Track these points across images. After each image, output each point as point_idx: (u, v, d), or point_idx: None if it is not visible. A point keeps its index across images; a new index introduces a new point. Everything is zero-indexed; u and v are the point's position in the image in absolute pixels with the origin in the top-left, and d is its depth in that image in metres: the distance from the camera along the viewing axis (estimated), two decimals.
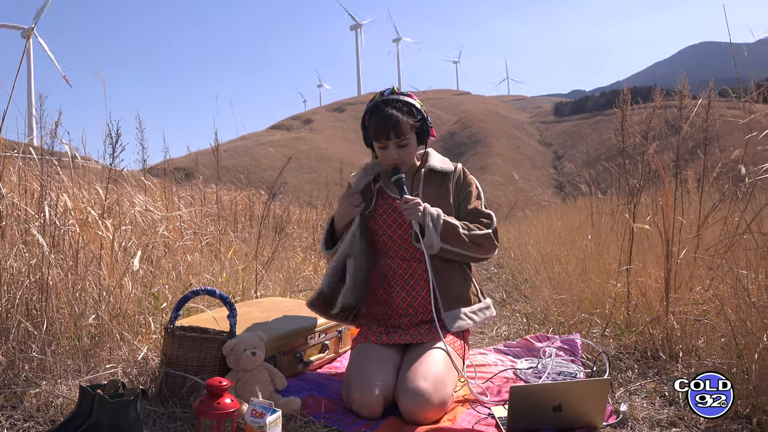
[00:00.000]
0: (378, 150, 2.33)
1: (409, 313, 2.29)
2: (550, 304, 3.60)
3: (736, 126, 2.76)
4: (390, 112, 2.25)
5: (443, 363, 2.10)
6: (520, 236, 7.83)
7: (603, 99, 73.57)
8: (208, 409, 1.75)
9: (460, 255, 2.26)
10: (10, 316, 2.27)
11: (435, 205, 2.27)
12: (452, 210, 2.34)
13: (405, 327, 2.29)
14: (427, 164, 2.39)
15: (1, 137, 2.62)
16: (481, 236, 2.27)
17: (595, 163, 6.73)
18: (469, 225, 2.27)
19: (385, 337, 2.25)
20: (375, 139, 2.30)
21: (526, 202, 14.91)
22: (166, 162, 5.24)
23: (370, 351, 2.20)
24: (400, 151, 2.29)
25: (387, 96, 2.32)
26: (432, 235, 2.18)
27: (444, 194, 2.35)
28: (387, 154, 2.30)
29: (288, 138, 78.73)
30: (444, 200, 2.34)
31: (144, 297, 2.76)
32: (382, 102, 2.30)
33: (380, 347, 2.22)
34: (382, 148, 2.30)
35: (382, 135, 2.26)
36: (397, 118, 2.25)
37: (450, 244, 2.22)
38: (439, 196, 2.34)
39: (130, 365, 2.32)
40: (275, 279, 4.06)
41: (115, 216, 3.30)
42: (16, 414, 1.91)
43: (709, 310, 2.56)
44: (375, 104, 2.32)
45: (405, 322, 2.30)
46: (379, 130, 2.26)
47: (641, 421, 1.98)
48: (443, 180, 2.38)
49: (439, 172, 2.38)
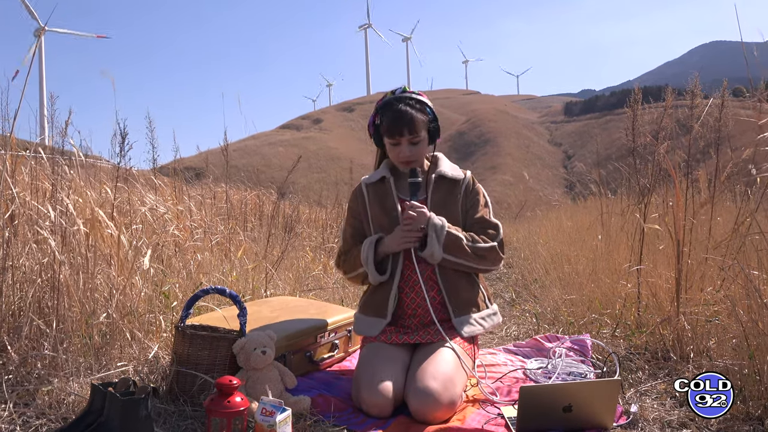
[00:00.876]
0: (390, 147, 2.32)
1: (419, 314, 2.29)
2: (559, 304, 3.59)
3: (748, 126, 2.74)
4: (404, 108, 2.26)
5: (453, 363, 2.10)
6: (530, 236, 7.81)
7: (613, 99, 73.25)
8: (219, 407, 1.76)
9: (463, 266, 2.27)
10: (22, 314, 2.29)
11: (443, 211, 2.28)
12: (459, 217, 2.34)
13: (414, 327, 2.29)
14: (438, 170, 2.37)
15: (14, 137, 2.63)
16: (486, 249, 2.27)
17: (606, 162, 6.71)
18: (474, 237, 2.27)
19: (395, 336, 2.25)
20: (388, 135, 2.29)
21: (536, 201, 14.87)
22: (176, 161, 5.26)
23: (380, 350, 2.21)
24: (413, 149, 2.28)
25: (399, 94, 2.32)
26: (434, 245, 2.19)
27: (452, 201, 2.34)
28: (399, 150, 2.29)
29: (297, 137, 78.90)
30: (452, 207, 2.33)
31: (155, 296, 2.77)
32: (395, 99, 2.30)
33: (390, 347, 2.22)
34: (395, 144, 2.29)
35: (396, 131, 2.25)
36: (411, 114, 2.25)
37: (452, 255, 2.22)
38: (447, 202, 2.33)
39: (141, 363, 2.33)
40: (285, 278, 4.07)
41: (125, 215, 3.32)
42: (28, 411, 1.93)
43: (721, 311, 2.55)
44: (387, 101, 2.32)
45: (414, 323, 2.30)
46: (393, 126, 2.26)
47: (652, 422, 1.97)
48: (452, 187, 2.37)
49: (449, 178, 2.37)
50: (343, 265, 2.44)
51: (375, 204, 2.38)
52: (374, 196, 2.39)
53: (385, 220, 2.34)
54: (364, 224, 2.42)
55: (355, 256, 2.34)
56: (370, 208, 2.39)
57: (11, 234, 2.40)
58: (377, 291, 2.35)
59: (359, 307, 2.45)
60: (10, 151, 2.56)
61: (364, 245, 2.32)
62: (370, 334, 2.31)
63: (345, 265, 2.42)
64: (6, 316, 2.25)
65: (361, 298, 2.49)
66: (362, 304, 2.43)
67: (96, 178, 3.62)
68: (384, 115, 2.30)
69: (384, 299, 2.31)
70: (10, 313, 2.29)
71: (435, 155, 2.44)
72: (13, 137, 2.62)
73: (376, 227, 2.37)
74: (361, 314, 2.40)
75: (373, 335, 2.29)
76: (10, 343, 2.15)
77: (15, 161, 2.64)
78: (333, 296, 3.97)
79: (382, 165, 2.44)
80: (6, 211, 2.44)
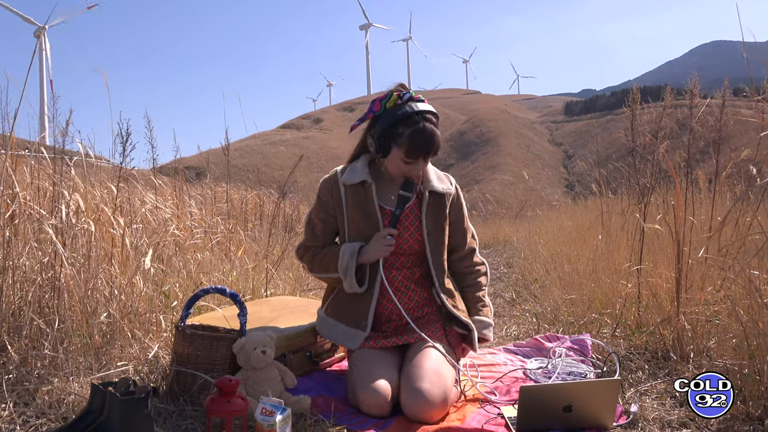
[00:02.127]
0: (402, 164, 2.20)
1: (394, 319, 2.30)
2: (560, 304, 3.59)
3: (749, 125, 2.74)
4: (429, 127, 2.14)
5: (439, 359, 2.10)
6: (530, 236, 7.80)
7: (613, 98, 73.20)
8: (219, 407, 1.76)
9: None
10: (22, 313, 2.29)
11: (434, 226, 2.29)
12: (446, 224, 2.33)
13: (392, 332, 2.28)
14: (430, 184, 2.30)
15: (14, 136, 2.63)
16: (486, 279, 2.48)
17: (606, 162, 6.70)
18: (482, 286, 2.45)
19: (383, 341, 2.23)
20: (409, 155, 2.16)
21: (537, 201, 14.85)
22: (176, 161, 5.26)
23: (370, 354, 2.19)
24: (424, 166, 2.25)
25: (415, 105, 2.17)
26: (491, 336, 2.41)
27: (441, 214, 2.32)
28: (413, 169, 2.20)
29: (298, 137, 78.90)
30: (441, 220, 2.32)
31: (155, 295, 2.77)
32: (416, 114, 2.15)
33: (378, 351, 2.21)
34: (410, 163, 2.19)
35: (422, 153, 2.16)
36: (437, 135, 2.16)
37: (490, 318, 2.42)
38: (437, 217, 2.31)
39: (141, 363, 2.33)
40: (285, 278, 4.07)
41: (126, 214, 3.32)
42: (28, 411, 1.93)
43: (721, 311, 2.55)
44: (408, 115, 2.15)
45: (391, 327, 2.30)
46: (419, 148, 2.14)
47: (652, 422, 1.97)
48: (442, 199, 2.33)
49: (439, 193, 2.32)
50: (309, 262, 2.35)
51: (354, 207, 2.27)
52: (353, 198, 2.28)
53: (365, 226, 2.26)
54: (337, 221, 2.33)
55: (329, 258, 2.27)
56: (348, 210, 2.28)
57: (12, 233, 2.40)
58: (354, 300, 2.28)
59: (327, 308, 2.37)
60: (10, 151, 2.56)
61: (344, 253, 2.23)
62: (348, 346, 2.26)
63: (313, 262, 2.33)
64: (6, 316, 2.25)
65: (327, 296, 2.42)
66: (332, 306, 2.36)
67: (96, 178, 3.62)
68: (407, 132, 2.14)
69: (363, 312, 2.26)
70: (10, 313, 2.29)
71: None
72: (13, 136, 2.62)
73: (353, 231, 2.28)
74: (333, 319, 2.33)
75: (353, 348, 2.24)
76: (10, 343, 2.15)
77: (15, 160, 2.64)
78: None
79: (361, 162, 2.31)
80: (6, 210, 2.44)
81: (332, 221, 2.33)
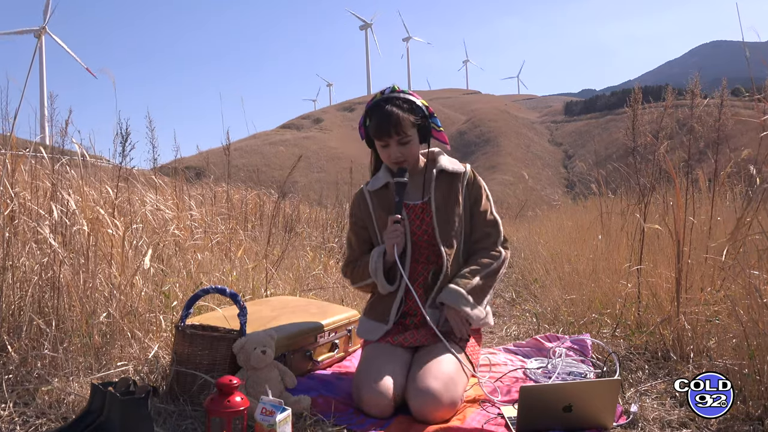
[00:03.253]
0: (380, 149, 2.32)
1: (420, 314, 2.30)
2: (560, 304, 3.59)
3: (749, 125, 2.74)
4: (390, 109, 2.24)
5: (454, 364, 2.10)
6: (530, 236, 7.81)
7: (614, 98, 73.26)
8: (219, 407, 1.76)
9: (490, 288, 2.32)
10: (22, 313, 2.29)
11: (445, 207, 2.29)
12: (461, 211, 2.34)
13: (414, 325, 2.30)
14: (438, 165, 2.37)
15: (14, 136, 2.63)
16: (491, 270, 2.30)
17: (606, 162, 6.70)
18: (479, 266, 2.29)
19: (400, 338, 2.25)
20: (376, 137, 2.28)
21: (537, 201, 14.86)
22: (177, 161, 5.26)
23: (382, 350, 2.21)
24: (403, 149, 2.28)
25: (387, 94, 2.31)
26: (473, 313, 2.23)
27: (453, 196, 2.34)
28: (389, 152, 2.29)
29: (298, 137, 78.95)
30: (453, 202, 2.33)
31: (155, 295, 2.77)
32: (383, 100, 2.28)
33: (392, 347, 2.23)
34: (384, 146, 2.29)
35: (384, 133, 2.25)
36: (398, 115, 2.23)
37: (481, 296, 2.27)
38: (449, 197, 2.33)
39: (141, 363, 2.33)
40: (285, 278, 4.07)
41: (126, 214, 3.32)
42: (28, 411, 1.93)
43: (721, 311, 2.55)
44: (375, 103, 2.31)
45: (415, 321, 2.31)
46: (380, 128, 2.25)
47: (652, 422, 1.97)
48: (453, 181, 2.36)
49: (449, 173, 2.37)
50: (351, 274, 2.43)
51: (380, 209, 2.36)
52: (379, 202, 2.37)
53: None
54: (369, 230, 2.42)
55: (363, 266, 2.34)
56: (375, 214, 2.37)
57: (11, 233, 2.40)
58: (383, 297, 2.35)
59: (364, 311, 2.45)
60: (10, 151, 2.56)
61: (372, 256, 2.31)
62: (371, 338, 2.32)
63: (354, 274, 2.41)
64: (6, 316, 2.25)
65: (367, 302, 2.49)
66: (368, 308, 2.44)
67: (96, 178, 3.62)
68: (372, 118, 2.29)
69: (387, 307, 2.32)
70: (10, 313, 2.29)
71: (432, 151, 2.43)
72: (13, 136, 2.62)
73: (382, 233, 2.36)
74: (365, 318, 2.41)
75: (373, 339, 2.30)
76: (10, 343, 2.16)
77: (15, 160, 2.64)
78: (333, 296, 3.97)
79: (382, 169, 2.41)
80: (6, 210, 2.44)
81: (364, 232, 2.43)
